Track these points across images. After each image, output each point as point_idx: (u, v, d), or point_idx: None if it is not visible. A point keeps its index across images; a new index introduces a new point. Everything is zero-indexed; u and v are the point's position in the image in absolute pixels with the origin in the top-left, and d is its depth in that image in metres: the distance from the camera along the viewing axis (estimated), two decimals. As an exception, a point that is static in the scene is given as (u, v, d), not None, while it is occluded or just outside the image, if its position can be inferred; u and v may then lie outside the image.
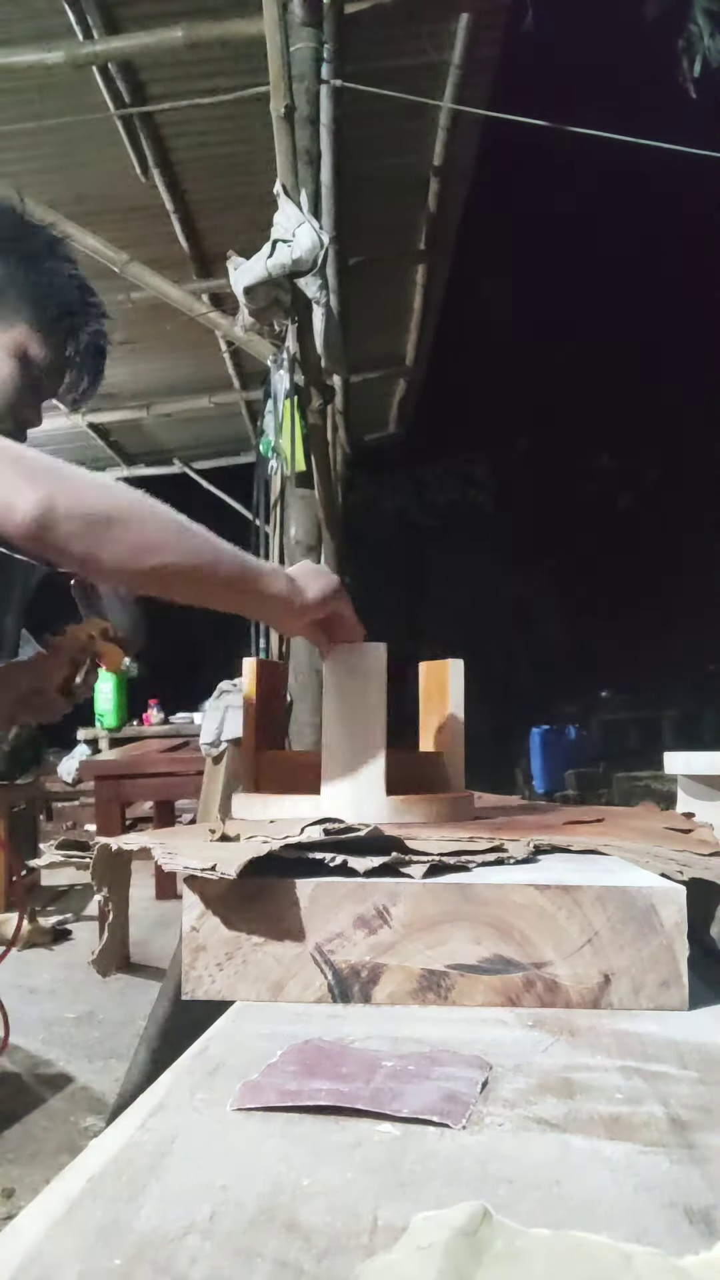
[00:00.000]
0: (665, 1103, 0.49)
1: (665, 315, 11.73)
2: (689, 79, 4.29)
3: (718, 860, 0.75)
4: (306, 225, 2.65)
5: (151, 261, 3.86)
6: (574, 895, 0.65)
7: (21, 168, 3.91)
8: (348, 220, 3.29)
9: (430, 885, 0.67)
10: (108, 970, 0.76)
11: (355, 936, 0.66)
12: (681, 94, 4.34)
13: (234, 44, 3.33)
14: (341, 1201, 0.39)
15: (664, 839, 0.85)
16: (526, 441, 12.40)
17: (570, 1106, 0.49)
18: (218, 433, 7.53)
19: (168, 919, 1.62)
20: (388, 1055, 0.55)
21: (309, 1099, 0.48)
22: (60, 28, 3.41)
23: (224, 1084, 0.52)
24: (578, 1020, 0.62)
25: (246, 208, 4.10)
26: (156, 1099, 0.51)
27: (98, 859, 0.72)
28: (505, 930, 0.65)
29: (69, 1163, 0.45)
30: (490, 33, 3.89)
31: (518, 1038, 0.59)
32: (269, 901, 0.67)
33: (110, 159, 4.09)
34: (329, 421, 3.43)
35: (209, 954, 0.67)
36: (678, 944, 0.64)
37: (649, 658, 11.98)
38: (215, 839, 0.76)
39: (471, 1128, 0.46)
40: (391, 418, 7.81)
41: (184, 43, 3.30)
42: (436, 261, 5.58)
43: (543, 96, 4.16)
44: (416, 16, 3.63)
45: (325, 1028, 0.60)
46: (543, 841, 0.81)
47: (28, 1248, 0.36)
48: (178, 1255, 0.35)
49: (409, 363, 6.73)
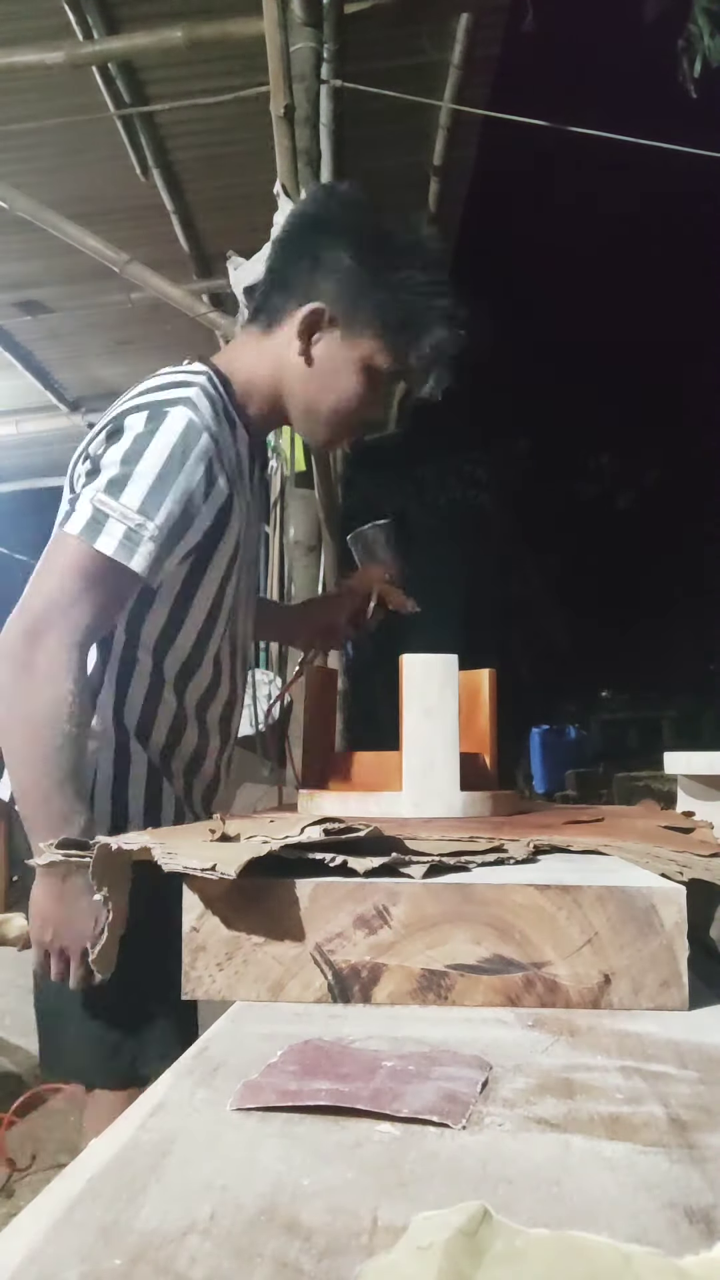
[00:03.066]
0: (665, 1103, 0.49)
1: (665, 315, 11.73)
2: (689, 79, 4.29)
3: (718, 861, 0.75)
4: (307, 225, 2.65)
5: (151, 261, 3.85)
6: (574, 895, 0.65)
7: (21, 168, 3.91)
8: (348, 220, 3.28)
9: (430, 885, 0.67)
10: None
11: (355, 936, 0.66)
12: (681, 94, 4.34)
13: (234, 44, 3.32)
14: (341, 1201, 0.39)
15: (664, 839, 0.85)
16: (526, 441, 12.40)
17: (570, 1106, 0.49)
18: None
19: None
20: (388, 1055, 0.55)
21: (309, 1099, 0.48)
22: (60, 28, 3.41)
23: (224, 1084, 0.52)
24: (578, 1020, 0.62)
25: (246, 208, 4.10)
26: (156, 1099, 0.51)
27: (97, 859, 0.72)
28: (505, 930, 0.65)
29: (69, 1163, 0.45)
30: (490, 33, 3.88)
31: (518, 1038, 0.59)
32: (269, 901, 0.67)
33: (110, 159, 4.09)
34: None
35: (209, 954, 0.67)
36: (678, 944, 0.64)
37: (649, 658, 11.98)
38: (215, 839, 0.76)
39: (471, 1128, 0.46)
40: (391, 418, 7.80)
41: (184, 43, 3.30)
42: (436, 261, 5.57)
43: (543, 96, 4.16)
44: (416, 16, 3.63)
45: (325, 1028, 0.60)
46: (543, 842, 0.81)
47: (28, 1248, 0.36)
48: (178, 1255, 0.35)
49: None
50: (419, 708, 1.10)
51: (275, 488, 3.84)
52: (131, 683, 1.28)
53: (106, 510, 1.14)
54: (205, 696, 1.36)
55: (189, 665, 1.32)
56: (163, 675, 1.29)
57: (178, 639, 1.29)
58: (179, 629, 1.28)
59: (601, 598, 12.31)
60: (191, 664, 1.32)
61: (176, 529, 1.18)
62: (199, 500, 1.20)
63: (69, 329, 5.46)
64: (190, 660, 1.32)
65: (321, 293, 1.27)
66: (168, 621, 1.28)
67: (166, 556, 1.18)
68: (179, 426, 1.18)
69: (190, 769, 1.36)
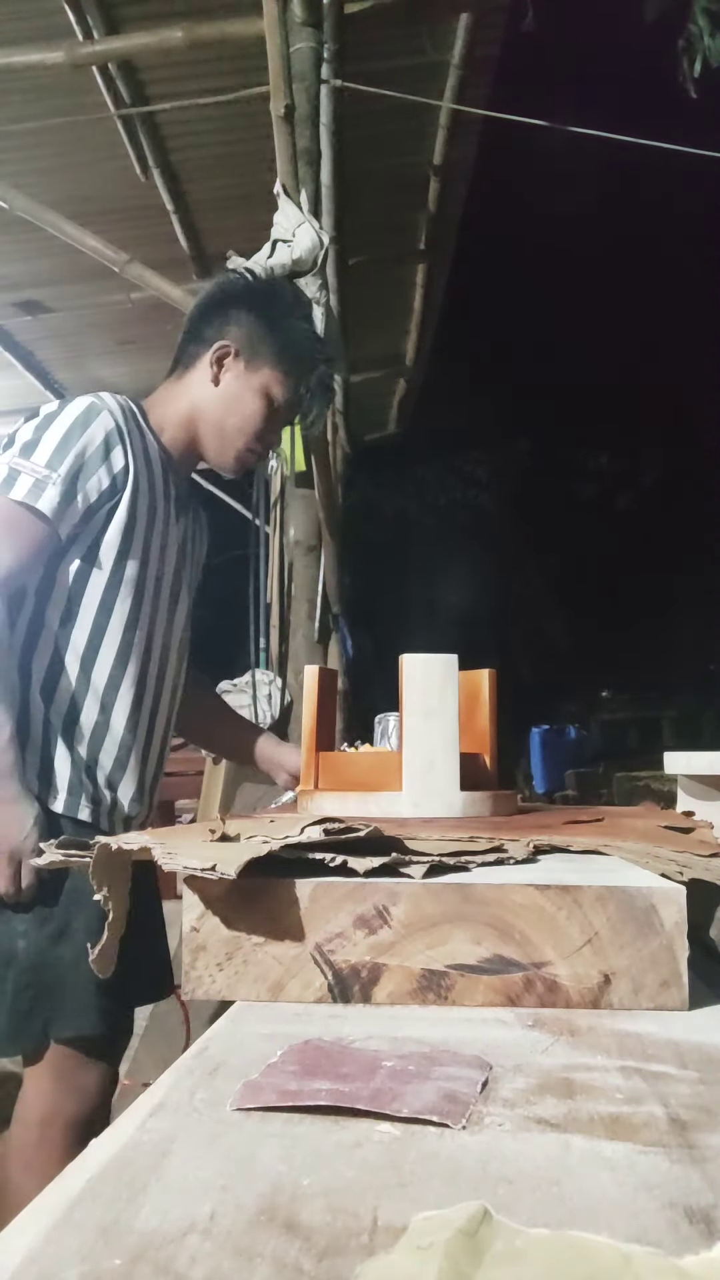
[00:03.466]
0: (665, 1103, 0.49)
1: (665, 315, 11.73)
2: (689, 79, 4.29)
3: (718, 861, 0.75)
4: (306, 225, 2.65)
5: (151, 262, 3.85)
6: (574, 895, 0.65)
7: (21, 168, 3.91)
8: (348, 220, 3.28)
9: (430, 885, 0.67)
10: (107, 970, 0.75)
11: (355, 936, 0.66)
12: (681, 94, 4.34)
13: (234, 44, 3.32)
14: (341, 1201, 0.39)
15: (664, 839, 0.85)
16: (526, 441, 12.40)
17: (570, 1106, 0.49)
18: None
19: (168, 919, 1.64)
20: (388, 1055, 0.55)
21: (309, 1099, 0.48)
22: (60, 28, 3.41)
23: (224, 1084, 0.52)
24: (578, 1020, 0.62)
25: (246, 208, 4.10)
26: (156, 1099, 0.51)
27: (98, 859, 0.71)
28: (505, 930, 0.65)
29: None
30: (490, 33, 3.89)
31: (518, 1038, 0.59)
32: (269, 901, 0.67)
33: (110, 159, 4.09)
34: (329, 421, 3.43)
35: (209, 954, 0.67)
36: (678, 944, 0.64)
37: (649, 658, 11.98)
38: (215, 839, 0.76)
39: (471, 1128, 0.46)
40: (391, 418, 7.80)
41: (184, 43, 3.30)
42: (436, 261, 5.57)
43: (543, 96, 4.16)
44: (416, 16, 3.63)
45: (325, 1028, 0.60)
46: (543, 842, 0.81)
47: (28, 1248, 0.36)
48: (178, 1255, 0.35)
49: (409, 363, 6.72)
50: (419, 708, 1.10)
51: (275, 488, 3.84)
52: (36, 649, 1.44)
53: (19, 468, 1.39)
54: (112, 678, 1.48)
55: (93, 643, 1.46)
56: (65, 649, 1.45)
57: (79, 614, 1.45)
58: (79, 603, 1.45)
59: (602, 598, 12.30)
60: (94, 643, 1.47)
61: (77, 479, 1.40)
62: (97, 460, 1.43)
63: (69, 329, 5.47)
64: (92, 639, 1.46)
65: (229, 335, 1.57)
66: (69, 597, 1.45)
67: (69, 504, 1.40)
68: (84, 404, 1.46)
69: (94, 745, 1.47)
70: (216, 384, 1.57)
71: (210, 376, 1.57)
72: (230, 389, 1.56)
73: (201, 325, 1.60)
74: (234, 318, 1.58)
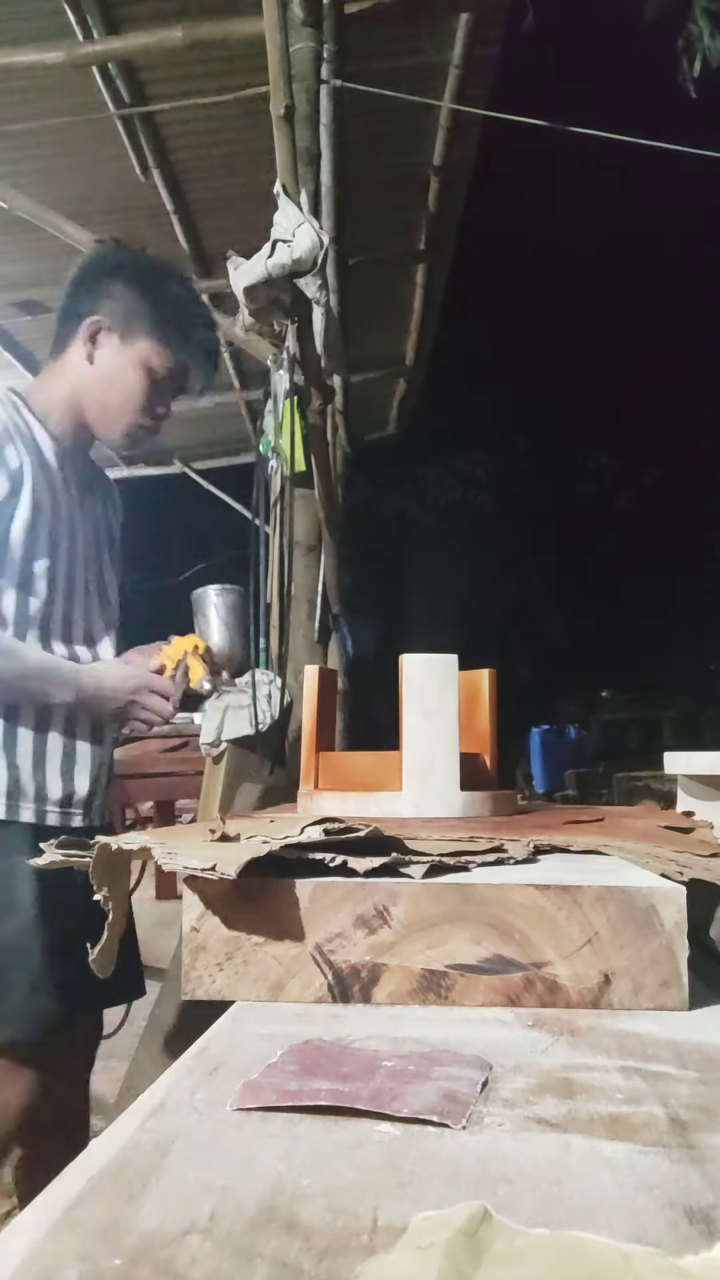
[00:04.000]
0: (665, 1103, 0.49)
1: (665, 315, 11.73)
2: (689, 79, 4.28)
3: (718, 861, 0.75)
4: (306, 225, 2.65)
5: (151, 262, 3.85)
6: (574, 895, 0.65)
7: (21, 167, 3.91)
8: (348, 220, 3.28)
9: (430, 885, 0.67)
10: (107, 970, 0.75)
11: (355, 936, 0.66)
12: (682, 94, 4.34)
13: (234, 44, 3.32)
14: (341, 1201, 0.39)
15: (664, 839, 0.85)
16: (526, 441, 12.39)
17: (570, 1106, 0.49)
18: (217, 433, 7.52)
19: (168, 919, 1.63)
20: (388, 1055, 0.55)
21: (309, 1099, 0.48)
22: (60, 28, 3.41)
23: (224, 1084, 0.52)
24: (578, 1020, 0.62)
25: (246, 208, 4.10)
26: (156, 1099, 0.51)
27: (98, 859, 0.71)
28: (505, 930, 0.65)
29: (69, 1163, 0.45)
30: (490, 33, 3.89)
31: (518, 1038, 0.59)
32: (269, 901, 0.67)
33: (110, 159, 4.09)
34: (329, 422, 3.43)
35: (209, 954, 0.67)
36: (678, 944, 0.64)
37: (649, 658, 11.98)
38: (215, 839, 0.76)
39: (471, 1128, 0.46)
40: (391, 418, 7.80)
41: (184, 43, 3.30)
42: (436, 261, 5.57)
43: (543, 96, 4.16)
44: (416, 16, 3.63)
45: (325, 1028, 0.60)
46: (543, 842, 0.81)
47: (28, 1248, 0.36)
48: (178, 1255, 0.35)
49: (409, 363, 6.72)
50: (419, 708, 1.10)
51: (275, 488, 3.84)
52: None
53: None
54: None
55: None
56: None
57: None
58: None
59: (601, 598, 12.30)
60: None
61: None
62: None
63: (69, 329, 5.45)
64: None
65: (102, 310, 1.53)
66: None
67: None
68: None
69: (38, 746, 1.47)
70: (91, 361, 1.53)
71: (85, 355, 1.53)
72: (107, 365, 1.52)
73: (73, 303, 1.56)
74: (105, 291, 1.53)
